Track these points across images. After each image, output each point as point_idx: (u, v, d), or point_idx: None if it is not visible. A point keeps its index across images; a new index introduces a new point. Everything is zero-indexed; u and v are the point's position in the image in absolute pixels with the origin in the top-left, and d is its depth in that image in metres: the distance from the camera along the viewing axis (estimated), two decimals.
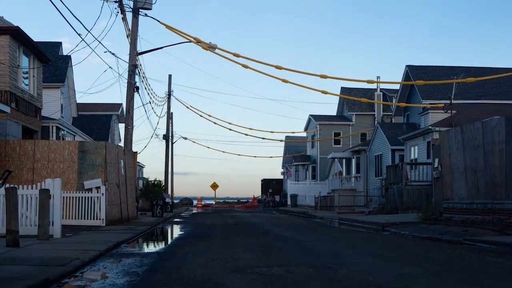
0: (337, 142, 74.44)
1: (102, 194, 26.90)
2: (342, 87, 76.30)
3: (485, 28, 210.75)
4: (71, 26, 54.88)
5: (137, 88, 35.50)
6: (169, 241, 23.71)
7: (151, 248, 20.41)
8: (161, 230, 30.08)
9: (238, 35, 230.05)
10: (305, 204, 67.52)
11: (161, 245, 21.47)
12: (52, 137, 38.61)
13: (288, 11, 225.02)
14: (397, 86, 61.32)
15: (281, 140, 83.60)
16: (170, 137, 63.87)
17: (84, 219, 26.54)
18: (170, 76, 61.26)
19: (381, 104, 70.44)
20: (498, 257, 15.49)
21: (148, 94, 51.87)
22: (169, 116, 63.13)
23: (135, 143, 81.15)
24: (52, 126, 39.18)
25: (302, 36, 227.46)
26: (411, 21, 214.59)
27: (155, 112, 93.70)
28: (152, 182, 54.79)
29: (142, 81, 39.20)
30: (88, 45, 29.02)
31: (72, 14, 25.77)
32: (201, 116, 60.61)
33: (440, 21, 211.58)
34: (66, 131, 41.60)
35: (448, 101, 44.55)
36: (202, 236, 23.63)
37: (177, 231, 29.13)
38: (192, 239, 22.03)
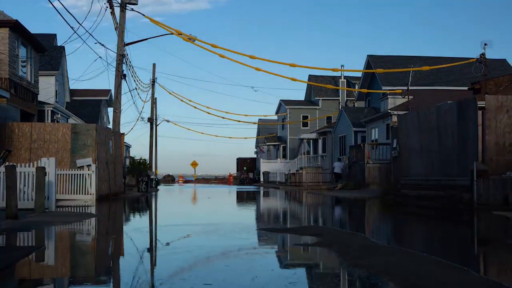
0: (305, 124, 74.49)
1: (93, 171, 26.81)
2: (309, 75, 76.28)
3: (439, 21, 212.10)
4: (65, 21, 54.64)
5: (124, 75, 35.30)
6: (153, 212, 23.67)
7: (136, 218, 20.34)
8: (146, 203, 29.99)
9: (215, 28, 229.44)
10: (276, 180, 67.57)
11: (145, 216, 21.40)
12: (48, 120, 38.27)
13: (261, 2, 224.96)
14: (359, 74, 61.49)
15: (255, 123, 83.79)
16: (154, 120, 63.55)
17: (77, 194, 26.45)
18: (154, 65, 61.16)
19: (345, 90, 70.62)
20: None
21: (135, 81, 51.57)
22: (153, 101, 62.84)
23: (123, 125, 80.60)
24: (48, 110, 38.81)
25: (274, 27, 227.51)
26: (374, 13, 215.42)
27: (140, 98, 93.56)
28: (138, 160, 54.34)
29: (129, 69, 39.12)
30: (79, 36, 28.83)
31: (67, 10, 25.53)
32: (182, 101, 60.74)
33: (399, 13, 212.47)
34: (60, 115, 41.19)
35: (406, 87, 44.79)
36: (181, 207, 23.63)
37: (160, 204, 29.09)
38: (173, 210, 21.99)
